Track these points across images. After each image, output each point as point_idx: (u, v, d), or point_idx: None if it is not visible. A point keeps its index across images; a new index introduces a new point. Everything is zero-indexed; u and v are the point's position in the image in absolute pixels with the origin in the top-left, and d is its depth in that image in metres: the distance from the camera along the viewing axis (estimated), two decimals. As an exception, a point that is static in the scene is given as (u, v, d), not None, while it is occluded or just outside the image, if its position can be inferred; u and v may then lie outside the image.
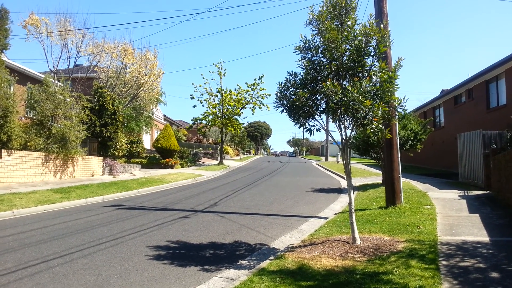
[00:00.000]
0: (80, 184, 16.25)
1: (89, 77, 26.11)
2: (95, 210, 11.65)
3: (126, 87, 27.40)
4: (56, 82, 20.24)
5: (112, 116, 22.31)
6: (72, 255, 6.84)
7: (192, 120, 36.07)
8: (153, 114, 36.20)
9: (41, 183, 15.82)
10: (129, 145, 27.93)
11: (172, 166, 27.77)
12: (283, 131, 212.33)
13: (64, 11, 44.04)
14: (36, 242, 7.77)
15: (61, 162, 17.66)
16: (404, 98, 6.68)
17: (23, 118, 19.09)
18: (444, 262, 5.62)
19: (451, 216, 9.35)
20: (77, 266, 6.22)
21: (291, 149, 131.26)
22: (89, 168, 19.58)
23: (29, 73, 21.24)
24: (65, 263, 6.40)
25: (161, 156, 29.28)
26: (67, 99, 18.64)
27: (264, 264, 6.17)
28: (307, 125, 7.23)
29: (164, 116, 50.98)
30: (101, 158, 20.93)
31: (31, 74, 21.49)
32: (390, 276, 5.07)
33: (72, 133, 17.55)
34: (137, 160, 27.85)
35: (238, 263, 6.49)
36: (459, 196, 12.41)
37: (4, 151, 14.77)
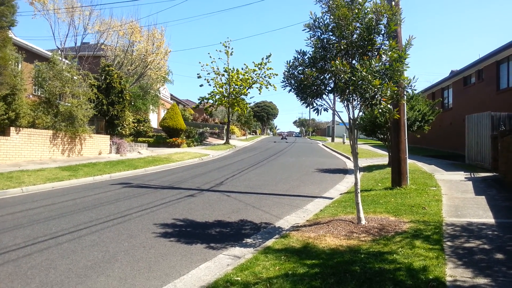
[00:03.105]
0: (87, 162, 16.38)
1: (96, 55, 26.00)
2: (103, 188, 11.76)
3: (133, 65, 27.28)
4: (64, 60, 20.21)
5: (119, 95, 22.29)
6: (80, 232, 6.94)
7: (198, 99, 35.97)
8: (160, 93, 36.12)
9: (49, 161, 15.96)
10: (136, 124, 28.01)
11: (178, 145, 27.86)
12: (289, 111, 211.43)
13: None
14: (45, 218, 7.88)
15: (69, 140, 17.77)
16: (413, 78, 6.60)
17: (31, 96, 19.14)
18: (449, 243, 5.63)
19: (457, 197, 9.33)
20: (85, 243, 6.32)
21: (297, 130, 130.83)
22: (96, 146, 19.70)
23: (36, 51, 21.18)
24: (73, 239, 6.51)
25: (167, 135, 29.36)
26: (75, 77, 18.62)
27: (270, 242, 6.23)
28: (314, 104, 7.18)
29: (171, 95, 50.89)
30: (108, 136, 21.03)
31: (39, 51, 21.43)
32: (394, 256, 5.10)
33: (79, 111, 17.60)
34: (144, 139, 27.95)
35: (244, 241, 6.56)
36: (466, 178, 12.35)
37: (12, 128, 14.87)
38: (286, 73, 7.15)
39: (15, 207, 8.90)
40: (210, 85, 34.23)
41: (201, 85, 48.04)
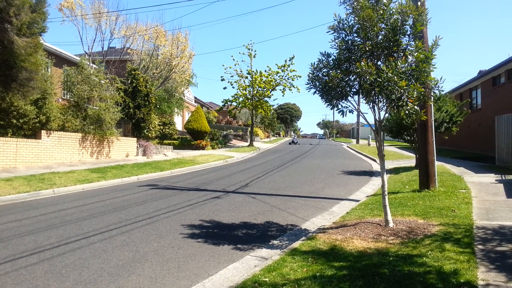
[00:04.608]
0: (115, 164, 16.75)
1: (123, 60, 26.54)
2: (131, 190, 12.01)
3: (158, 69, 27.73)
4: (91, 64, 20.73)
5: (145, 98, 22.70)
6: (111, 232, 7.12)
7: (222, 102, 36.28)
8: (184, 96, 36.56)
9: (79, 163, 16.40)
10: (161, 127, 28.42)
11: (203, 148, 28.13)
12: (313, 113, 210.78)
13: (97, -7, 44.57)
14: (76, 219, 8.12)
15: (97, 142, 18.21)
16: (441, 78, 6.50)
17: (60, 100, 19.69)
18: (480, 246, 5.52)
19: (488, 200, 9.12)
20: (116, 243, 6.48)
21: (321, 131, 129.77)
22: (124, 149, 20.11)
23: (65, 56, 21.78)
24: (104, 239, 6.68)
25: (192, 138, 29.68)
26: (102, 81, 19.09)
27: (296, 244, 6.25)
28: (339, 106, 7.15)
29: (195, 98, 51.42)
30: (135, 139, 21.43)
31: (67, 56, 22.04)
32: (424, 259, 5.04)
33: (107, 114, 18.01)
34: (169, 141, 28.34)
35: (270, 243, 6.59)
36: (496, 180, 12.04)
37: (43, 131, 15.36)
38: (310, 75, 7.15)
39: (48, 208, 9.20)
40: (233, 87, 34.50)
41: (224, 88, 48.49)
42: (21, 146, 14.39)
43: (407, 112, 6.61)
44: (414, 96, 6.32)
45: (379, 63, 6.79)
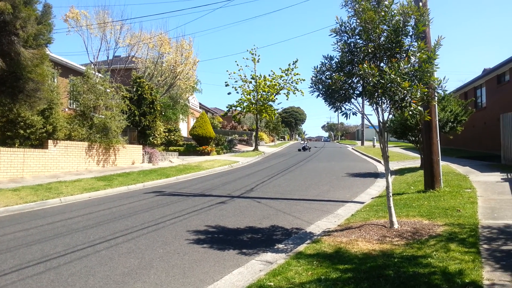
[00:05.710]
0: (121, 172, 16.83)
1: (128, 68, 26.72)
2: (137, 197, 12.06)
3: (163, 76, 27.89)
4: (97, 73, 20.92)
5: (151, 105, 22.80)
6: (117, 240, 7.16)
7: (227, 107, 36.37)
8: (189, 102, 36.68)
9: (85, 172, 16.49)
10: (167, 133, 28.50)
11: (208, 153, 28.18)
12: (317, 116, 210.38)
13: (102, 3, 45.20)
14: (83, 227, 8.17)
15: (103, 151, 18.32)
16: (444, 78, 6.49)
17: (66, 109, 19.85)
18: (485, 246, 5.49)
19: (493, 199, 9.06)
20: (122, 250, 6.52)
21: (326, 134, 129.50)
22: (129, 156, 20.21)
23: (71, 66, 21.98)
24: (111, 247, 6.72)
25: (197, 144, 29.75)
26: (108, 90, 19.23)
27: (301, 248, 6.25)
28: (343, 109, 7.17)
29: (200, 104, 51.58)
30: (141, 146, 21.52)
31: (73, 66, 22.24)
32: (429, 259, 5.03)
33: (113, 122, 18.12)
34: (174, 148, 28.43)
35: (275, 247, 6.60)
36: (502, 179, 11.95)
37: (50, 141, 15.48)
38: (313, 78, 7.18)
39: (55, 217, 9.27)
40: (238, 92, 34.55)
41: (229, 93, 48.68)
42: (28, 156, 14.52)
43: (410, 113, 6.60)
44: (418, 96, 6.33)
45: (381, 64, 6.81)
